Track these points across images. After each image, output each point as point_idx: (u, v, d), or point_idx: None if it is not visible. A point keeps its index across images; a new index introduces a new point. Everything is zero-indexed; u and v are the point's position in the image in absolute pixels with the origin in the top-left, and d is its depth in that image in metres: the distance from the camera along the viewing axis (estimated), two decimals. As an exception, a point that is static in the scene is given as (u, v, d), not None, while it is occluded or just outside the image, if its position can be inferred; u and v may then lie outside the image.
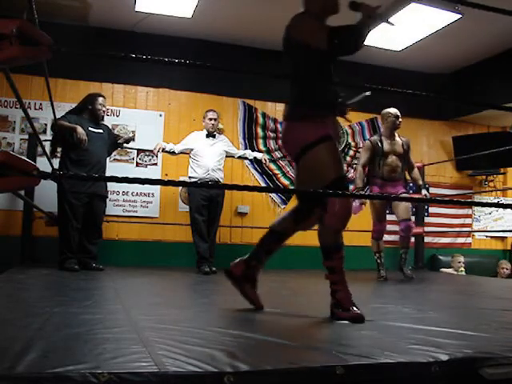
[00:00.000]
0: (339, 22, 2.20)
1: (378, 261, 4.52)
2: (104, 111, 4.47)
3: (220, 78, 5.51)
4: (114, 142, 4.61)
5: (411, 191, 5.65)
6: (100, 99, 4.41)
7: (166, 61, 1.77)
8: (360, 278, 4.45)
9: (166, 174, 5.50)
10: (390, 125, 4.51)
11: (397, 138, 4.57)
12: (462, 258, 6.04)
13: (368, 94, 2.73)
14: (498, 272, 6.11)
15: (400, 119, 4.50)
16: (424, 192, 4.60)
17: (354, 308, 2.16)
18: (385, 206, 4.55)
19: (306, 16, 2.32)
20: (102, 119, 4.49)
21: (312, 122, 2.23)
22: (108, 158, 4.62)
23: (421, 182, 4.70)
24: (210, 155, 4.71)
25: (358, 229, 4.33)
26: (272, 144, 5.98)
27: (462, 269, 5.98)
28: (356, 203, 4.34)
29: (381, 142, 4.48)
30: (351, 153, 6.34)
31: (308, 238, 5.59)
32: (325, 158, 2.21)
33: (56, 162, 4.28)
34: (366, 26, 2.19)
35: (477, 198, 6.75)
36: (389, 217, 6.46)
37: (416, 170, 4.70)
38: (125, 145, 4.77)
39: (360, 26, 2.18)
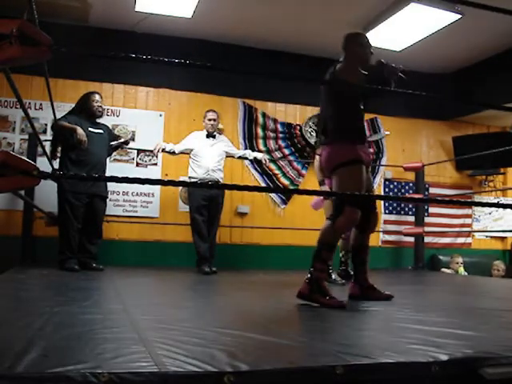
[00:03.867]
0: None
1: (349, 261, 3.85)
2: (101, 107, 4.44)
3: (220, 78, 5.51)
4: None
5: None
6: (93, 96, 4.40)
7: (166, 61, 1.77)
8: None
9: (166, 174, 5.50)
10: None
11: None
12: (460, 259, 6.02)
13: (387, 133, 3.14)
14: (491, 273, 6.08)
15: None
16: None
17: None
18: None
19: (350, 64, 2.89)
20: (101, 116, 4.48)
21: (347, 145, 2.77)
22: (108, 158, 4.62)
23: None
24: (209, 155, 4.71)
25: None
26: (272, 144, 5.97)
27: (462, 269, 5.97)
28: (318, 199, 4.01)
29: None
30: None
31: (308, 238, 5.62)
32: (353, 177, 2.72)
33: (56, 162, 4.28)
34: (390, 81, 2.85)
35: (477, 198, 6.74)
36: (391, 217, 6.54)
37: None
38: (124, 145, 4.78)
39: (387, 79, 2.82)
